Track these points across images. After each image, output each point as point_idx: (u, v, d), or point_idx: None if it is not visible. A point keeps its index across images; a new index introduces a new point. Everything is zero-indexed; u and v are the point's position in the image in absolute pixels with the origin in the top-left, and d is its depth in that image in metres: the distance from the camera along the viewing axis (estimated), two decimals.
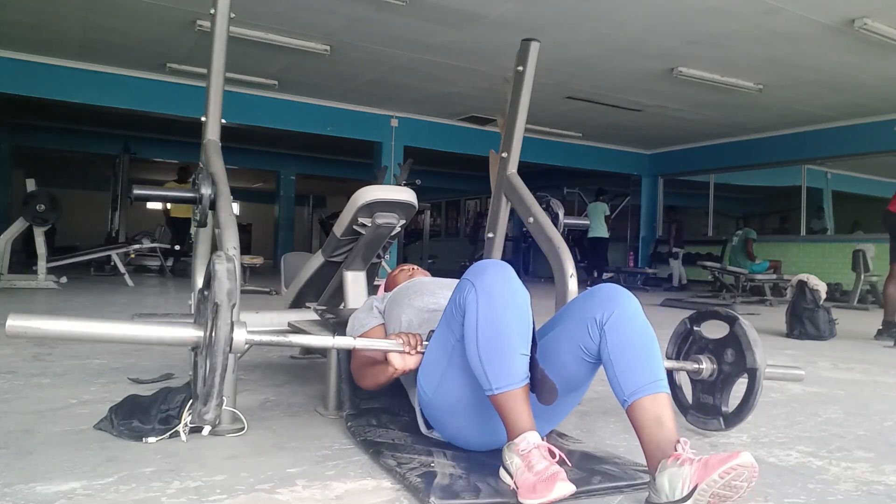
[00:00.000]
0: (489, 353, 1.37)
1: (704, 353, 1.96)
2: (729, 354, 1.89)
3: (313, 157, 14.31)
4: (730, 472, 1.18)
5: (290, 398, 2.24)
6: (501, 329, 1.38)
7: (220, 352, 1.35)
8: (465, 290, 1.44)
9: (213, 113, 2.25)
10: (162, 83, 8.14)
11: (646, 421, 1.34)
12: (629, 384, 1.37)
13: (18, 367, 2.61)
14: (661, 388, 1.37)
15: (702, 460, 1.22)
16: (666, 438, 1.31)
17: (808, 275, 4.87)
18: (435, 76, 7.75)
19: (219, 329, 1.35)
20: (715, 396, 1.92)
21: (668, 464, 1.26)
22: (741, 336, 1.86)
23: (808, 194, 10.22)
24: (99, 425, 1.75)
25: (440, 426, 1.62)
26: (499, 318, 1.39)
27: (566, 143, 11.15)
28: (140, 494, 1.33)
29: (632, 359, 1.39)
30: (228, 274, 1.43)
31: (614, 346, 1.41)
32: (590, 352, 1.47)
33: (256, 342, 1.48)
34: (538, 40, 2.83)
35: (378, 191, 2.11)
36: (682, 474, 1.22)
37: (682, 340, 2.05)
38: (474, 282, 1.43)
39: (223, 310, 1.37)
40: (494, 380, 1.36)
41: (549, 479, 1.22)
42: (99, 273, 9.03)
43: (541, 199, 2.66)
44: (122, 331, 1.40)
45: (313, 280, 2.62)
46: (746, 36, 5.94)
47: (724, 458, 1.20)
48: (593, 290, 1.54)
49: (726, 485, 1.19)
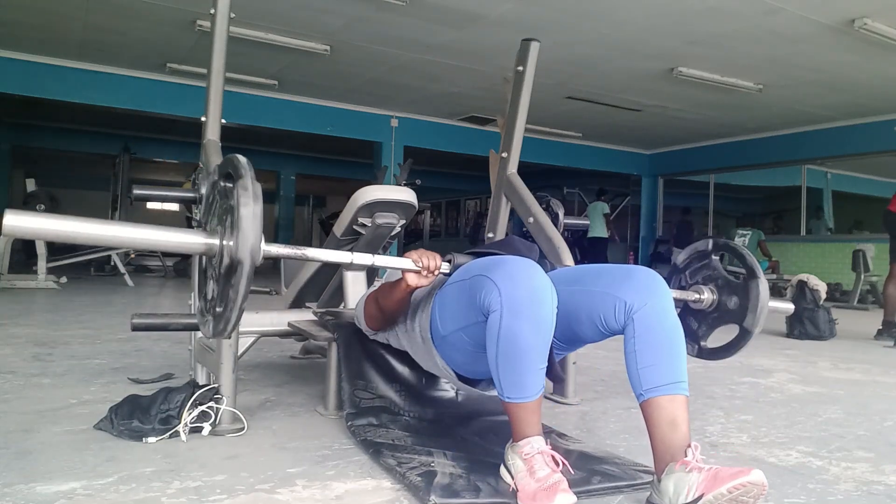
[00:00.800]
0: (506, 365, 1.34)
1: (710, 284, 1.87)
2: (733, 301, 1.81)
3: (313, 157, 14.32)
4: (739, 489, 1.16)
5: (290, 398, 2.24)
6: (521, 347, 1.33)
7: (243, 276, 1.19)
8: (489, 292, 1.36)
9: (213, 113, 2.25)
10: (162, 83, 8.14)
11: (660, 420, 1.32)
12: (649, 380, 1.34)
13: (18, 367, 2.61)
14: (682, 390, 1.34)
15: (712, 470, 1.20)
16: (677, 442, 1.29)
17: (808, 275, 4.87)
18: (435, 76, 7.75)
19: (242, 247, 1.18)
20: (700, 326, 1.89)
21: (677, 468, 1.24)
22: (753, 295, 1.77)
23: (808, 194, 10.22)
24: (99, 425, 1.75)
25: (448, 357, 1.57)
26: (521, 334, 1.32)
27: (566, 143, 11.14)
28: (140, 494, 1.33)
29: (657, 355, 1.35)
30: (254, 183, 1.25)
31: (641, 338, 1.37)
32: (608, 327, 1.43)
33: (274, 254, 1.34)
34: (538, 40, 2.83)
35: (378, 191, 2.11)
36: (690, 481, 1.21)
37: (697, 259, 1.95)
38: (499, 286, 1.35)
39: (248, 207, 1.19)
40: (508, 390, 1.35)
41: (550, 487, 1.22)
42: (99, 273, 9.04)
43: (541, 199, 2.66)
44: (124, 232, 1.25)
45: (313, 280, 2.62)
46: (746, 36, 5.93)
47: (735, 473, 1.18)
48: (631, 269, 1.47)
49: (733, 500, 1.17)
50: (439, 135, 10.23)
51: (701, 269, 1.93)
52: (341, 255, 1.48)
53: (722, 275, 1.88)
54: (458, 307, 1.48)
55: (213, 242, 1.28)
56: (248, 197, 1.20)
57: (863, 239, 8.71)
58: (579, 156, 11.49)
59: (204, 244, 1.29)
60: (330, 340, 1.99)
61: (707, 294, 1.86)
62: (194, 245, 1.29)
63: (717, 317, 1.86)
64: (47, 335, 3.49)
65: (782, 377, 3.02)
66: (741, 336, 1.80)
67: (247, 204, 1.20)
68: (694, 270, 1.94)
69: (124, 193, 10.29)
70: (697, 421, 2.10)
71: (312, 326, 2.19)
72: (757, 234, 8.67)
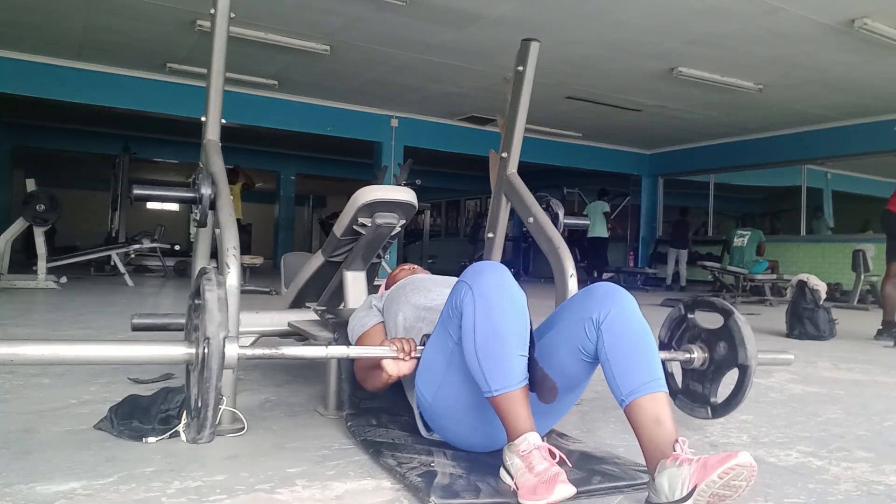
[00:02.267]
0: (487, 354, 1.37)
1: (696, 342, 1.94)
2: (721, 347, 1.87)
3: (313, 157, 14.32)
4: (729, 472, 1.18)
5: (290, 398, 2.24)
6: (498, 331, 1.38)
7: (212, 387, 1.27)
8: (461, 293, 1.44)
9: (213, 113, 2.25)
10: (162, 83, 8.14)
11: (644, 420, 1.34)
12: (627, 384, 1.37)
13: (18, 366, 2.61)
14: (660, 387, 1.37)
15: (700, 460, 1.23)
16: (664, 438, 1.31)
17: (808, 275, 4.87)
18: (435, 76, 7.75)
19: (210, 365, 1.27)
20: (704, 386, 1.92)
21: (668, 464, 1.26)
22: (735, 331, 1.84)
23: (808, 194, 10.22)
24: (99, 425, 1.75)
25: (440, 428, 1.62)
26: (496, 319, 1.38)
27: (566, 143, 11.14)
28: (140, 494, 1.33)
29: (630, 358, 1.39)
30: (220, 303, 1.31)
31: (612, 345, 1.41)
32: (588, 352, 1.47)
33: (248, 356, 1.41)
34: (538, 40, 2.82)
35: (378, 191, 2.10)
36: (682, 474, 1.22)
37: (676, 325, 2.04)
38: (471, 284, 1.43)
39: (214, 344, 1.27)
40: (493, 382, 1.36)
41: (549, 480, 1.22)
42: (99, 273, 9.03)
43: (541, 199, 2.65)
44: (110, 352, 1.31)
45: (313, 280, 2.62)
46: (746, 36, 5.93)
47: (722, 458, 1.20)
48: (590, 288, 1.53)
49: (725, 485, 1.19)
50: (439, 135, 10.23)
51: (684, 333, 2.01)
52: (317, 350, 1.54)
53: (703, 329, 1.96)
54: (435, 341, 1.52)
55: (191, 352, 1.32)
56: (212, 293, 1.27)
57: (863, 239, 8.69)
58: (579, 156, 11.49)
59: (185, 354, 1.32)
60: (330, 341, 1.99)
61: (697, 352, 1.92)
62: (177, 356, 1.33)
63: (714, 370, 1.90)
64: (47, 335, 3.49)
65: (782, 377, 3.02)
66: (742, 374, 1.83)
67: (210, 302, 1.28)
68: (679, 337, 2.02)
69: (124, 193, 10.30)
70: (697, 420, 2.10)
71: (312, 326, 2.19)
72: (756, 234, 8.51)
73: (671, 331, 2.05)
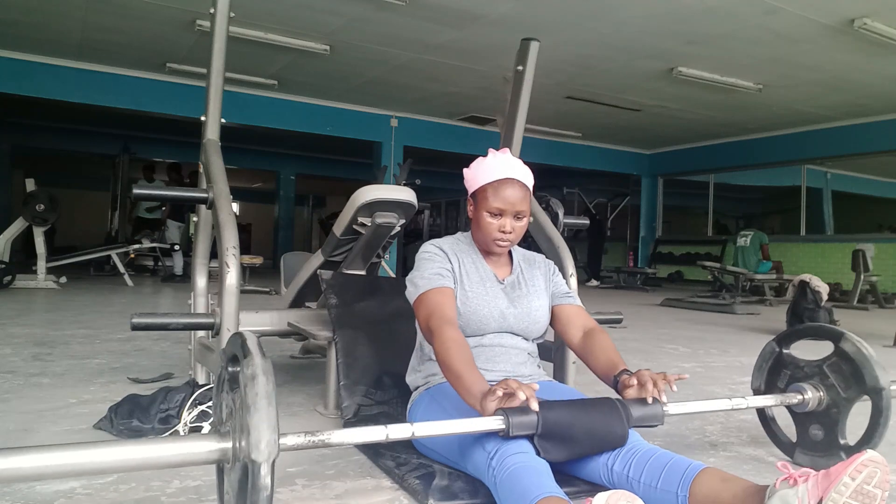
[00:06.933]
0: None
1: (805, 381, 1.66)
2: (838, 377, 1.61)
3: (313, 157, 14.31)
4: (861, 471, 1.06)
5: (290, 398, 2.24)
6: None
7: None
8: (486, 471, 1.25)
9: (213, 113, 2.25)
10: (162, 83, 8.14)
11: (715, 489, 1.18)
12: (672, 482, 1.22)
13: (18, 366, 2.61)
14: (701, 465, 1.23)
15: (821, 472, 1.11)
16: (746, 484, 1.18)
17: (809, 275, 4.86)
18: (435, 76, 7.75)
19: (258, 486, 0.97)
20: (829, 429, 1.62)
21: (777, 486, 1.11)
22: (854, 353, 1.59)
23: (808, 194, 10.22)
24: (99, 425, 1.75)
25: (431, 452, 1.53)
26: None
27: (566, 143, 11.15)
28: (140, 494, 1.33)
29: (661, 466, 1.25)
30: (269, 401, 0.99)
31: (637, 472, 1.27)
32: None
33: (291, 447, 1.11)
34: (538, 40, 2.82)
35: (378, 190, 2.10)
36: (798, 493, 1.08)
37: (773, 368, 1.76)
38: (496, 469, 1.22)
39: (264, 470, 0.97)
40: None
41: None
42: (98, 273, 9.03)
43: (541, 198, 2.65)
44: (129, 455, 0.99)
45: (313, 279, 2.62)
46: (746, 36, 5.94)
47: (847, 462, 1.07)
48: None
49: (858, 491, 1.06)
50: (439, 135, 10.23)
51: (784, 373, 1.74)
52: (377, 431, 1.15)
53: (806, 363, 1.69)
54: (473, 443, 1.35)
55: (225, 447, 1.04)
56: (256, 388, 0.98)
57: (863, 239, 8.69)
58: (579, 156, 11.50)
59: (218, 451, 1.03)
60: (330, 340, 1.99)
61: (810, 391, 1.64)
62: (208, 455, 1.04)
63: (836, 406, 1.61)
64: (47, 335, 3.49)
65: None
66: (877, 400, 1.54)
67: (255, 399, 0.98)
68: (779, 380, 1.75)
69: (124, 193, 10.30)
70: (697, 420, 2.10)
71: (312, 326, 2.19)
72: (759, 236, 8.18)
73: (767, 375, 1.78)
